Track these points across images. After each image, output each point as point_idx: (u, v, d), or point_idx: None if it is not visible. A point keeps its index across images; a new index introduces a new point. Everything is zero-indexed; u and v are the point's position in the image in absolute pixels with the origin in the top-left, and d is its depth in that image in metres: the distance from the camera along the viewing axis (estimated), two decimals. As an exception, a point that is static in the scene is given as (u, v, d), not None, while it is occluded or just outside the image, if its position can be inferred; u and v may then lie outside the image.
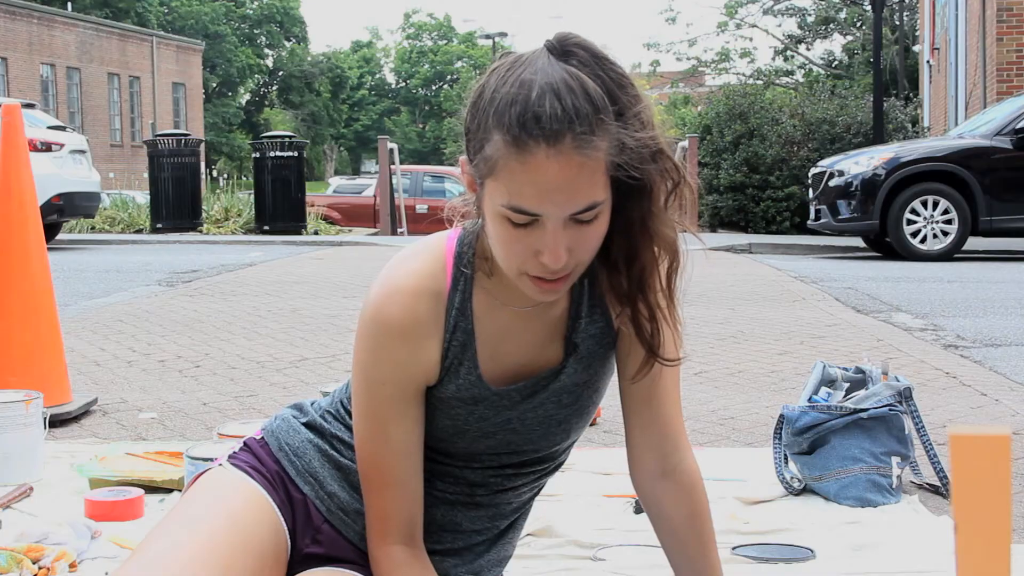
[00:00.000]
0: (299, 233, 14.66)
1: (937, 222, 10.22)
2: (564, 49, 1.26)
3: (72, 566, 1.99)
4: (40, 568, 1.96)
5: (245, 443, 1.58)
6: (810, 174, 11.81)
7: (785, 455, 2.63)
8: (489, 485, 1.52)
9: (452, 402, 1.44)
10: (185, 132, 18.72)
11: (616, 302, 1.43)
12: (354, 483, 1.50)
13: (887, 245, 10.71)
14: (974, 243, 10.92)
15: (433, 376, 1.42)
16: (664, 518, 1.51)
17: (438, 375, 1.42)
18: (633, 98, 1.27)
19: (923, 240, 10.24)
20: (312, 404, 1.61)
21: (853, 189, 10.48)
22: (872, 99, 15.47)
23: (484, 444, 1.48)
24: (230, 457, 1.56)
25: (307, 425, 1.56)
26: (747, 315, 5.87)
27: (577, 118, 1.21)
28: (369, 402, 1.42)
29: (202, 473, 1.57)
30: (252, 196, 15.36)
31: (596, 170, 1.24)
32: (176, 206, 14.85)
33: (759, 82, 31.06)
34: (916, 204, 10.23)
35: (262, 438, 1.57)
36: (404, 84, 67.70)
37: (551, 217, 1.24)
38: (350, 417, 1.52)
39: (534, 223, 1.25)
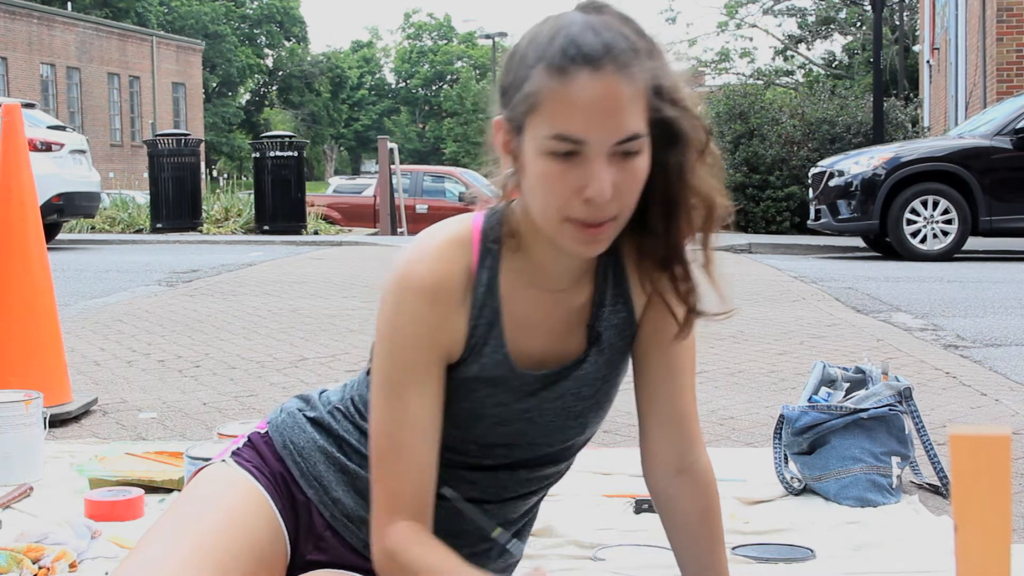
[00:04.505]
0: (299, 233, 14.66)
1: (937, 222, 10.22)
2: (596, 6, 1.30)
3: (72, 566, 1.99)
4: (40, 568, 1.96)
5: (249, 438, 1.55)
6: (810, 174, 11.81)
7: (785, 455, 2.63)
8: (498, 492, 1.49)
9: (473, 383, 1.41)
10: (185, 132, 18.72)
11: (652, 269, 1.42)
12: (360, 489, 1.47)
13: (887, 245, 10.71)
14: (974, 243, 10.92)
15: (457, 351, 1.40)
16: (677, 515, 1.51)
17: (462, 351, 1.40)
18: (663, 53, 1.31)
19: (923, 240, 10.24)
20: (321, 395, 1.57)
21: (853, 189, 10.48)
22: (872, 99, 15.47)
23: (499, 432, 1.45)
24: (234, 453, 1.53)
25: (314, 422, 1.52)
26: (747, 315, 5.87)
27: (616, 47, 1.25)
28: (391, 368, 1.37)
29: (204, 467, 1.54)
30: (252, 196, 15.36)
31: (636, 99, 1.26)
32: (176, 206, 14.85)
33: (759, 82, 31.06)
34: (916, 204, 10.23)
35: (266, 433, 1.54)
36: (404, 84, 67.71)
37: (595, 144, 1.24)
38: (361, 417, 1.49)
39: (578, 156, 1.25)
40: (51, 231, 11.80)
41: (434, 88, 66.52)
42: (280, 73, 60.83)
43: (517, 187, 1.37)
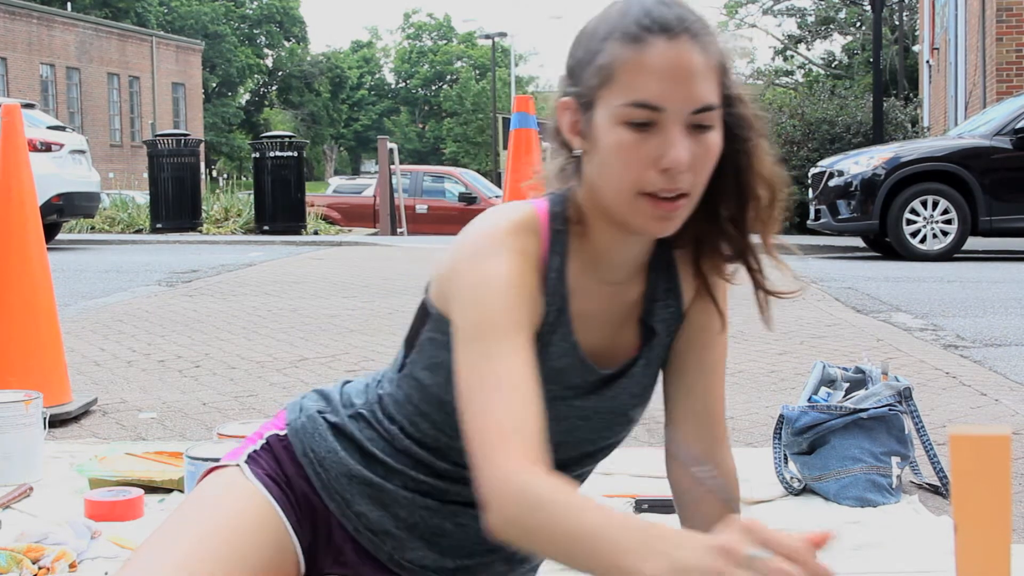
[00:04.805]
0: (299, 233, 14.66)
1: (937, 222, 10.22)
2: None
3: (72, 566, 1.99)
4: (40, 568, 1.96)
5: (268, 441, 1.48)
6: (810, 174, 11.81)
7: (785, 455, 2.63)
8: None
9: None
10: (185, 132, 18.73)
11: (718, 259, 1.42)
12: (385, 502, 1.42)
13: (887, 245, 10.71)
14: (974, 243, 10.92)
15: (535, 329, 1.33)
16: (698, 515, 1.48)
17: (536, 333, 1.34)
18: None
19: (923, 240, 10.24)
20: (343, 392, 1.49)
21: (853, 189, 10.48)
22: (872, 99, 15.48)
23: (552, 430, 1.34)
24: (250, 457, 1.46)
25: (335, 429, 1.45)
26: (747, 315, 5.84)
27: (688, 19, 1.26)
28: (481, 317, 1.24)
29: (217, 468, 1.48)
30: (252, 196, 15.36)
31: (710, 72, 1.26)
32: (176, 206, 14.85)
33: (759, 82, 31.07)
34: (916, 204, 10.23)
35: (285, 436, 1.47)
36: (404, 84, 67.71)
37: (672, 112, 1.23)
38: (391, 422, 1.42)
39: (654, 127, 1.24)
40: (51, 231, 11.80)
41: (434, 88, 66.51)
42: (280, 73, 60.84)
43: (577, 172, 1.34)
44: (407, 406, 1.41)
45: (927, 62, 24.69)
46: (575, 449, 1.45)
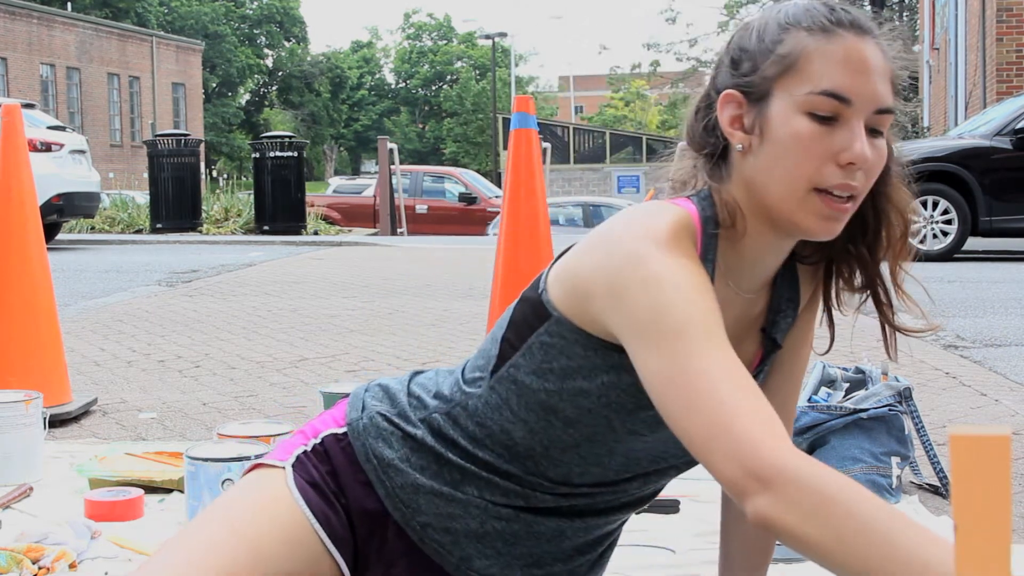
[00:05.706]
0: (299, 233, 14.66)
1: (937, 222, 10.22)
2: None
3: (72, 566, 1.99)
4: (40, 568, 1.96)
5: (323, 442, 1.37)
6: (810, 174, 11.80)
7: (785, 455, 2.63)
8: (616, 499, 1.39)
9: None
10: (185, 132, 18.74)
11: (851, 291, 1.39)
12: (454, 512, 1.34)
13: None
14: (974, 243, 10.92)
15: None
16: (745, 522, 1.45)
17: None
18: None
19: (923, 240, 10.24)
20: (410, 393, 1.39)
21: (853, 189, 10.48)
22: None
23: (656, 435, 1.30)
24: (297, 460, 1.36)
25: (403, 434, 1.35)
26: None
27: (873, 25, 1.26)
28: (674, 318, 1.15)
29: (261, 465, 1.39)
30: (252, 196, 15.38)
31: (888, 77, 1.25)
32: (176, 206, 14.86)
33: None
34: (916, 204, 10.23)
35: (345, 436, 1.37)
36: (404, 84, 67.70)
37: (858, 106, 1.21)
38: (477, 426, 1.33)
39: (837, 121, 1.21)
40: (51, 231, 11.80)
41: (434, 88, 66.51)
42: (280, 73, 60.84)
43: (720, 170, 1.28)
44: (503, 410, 1.31)
45: (927, 62, 24.70)
46: (672, 460, 1.37)
